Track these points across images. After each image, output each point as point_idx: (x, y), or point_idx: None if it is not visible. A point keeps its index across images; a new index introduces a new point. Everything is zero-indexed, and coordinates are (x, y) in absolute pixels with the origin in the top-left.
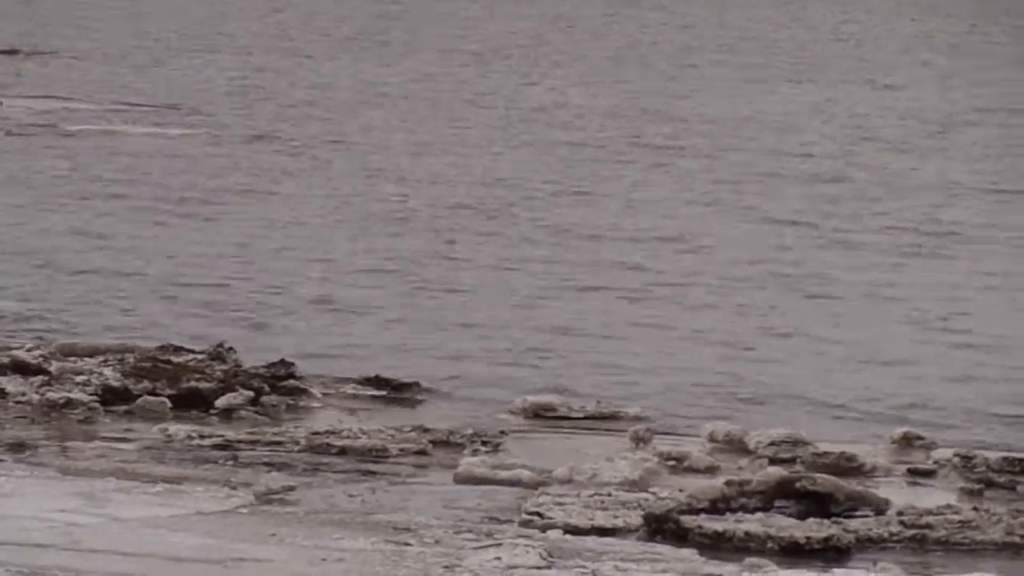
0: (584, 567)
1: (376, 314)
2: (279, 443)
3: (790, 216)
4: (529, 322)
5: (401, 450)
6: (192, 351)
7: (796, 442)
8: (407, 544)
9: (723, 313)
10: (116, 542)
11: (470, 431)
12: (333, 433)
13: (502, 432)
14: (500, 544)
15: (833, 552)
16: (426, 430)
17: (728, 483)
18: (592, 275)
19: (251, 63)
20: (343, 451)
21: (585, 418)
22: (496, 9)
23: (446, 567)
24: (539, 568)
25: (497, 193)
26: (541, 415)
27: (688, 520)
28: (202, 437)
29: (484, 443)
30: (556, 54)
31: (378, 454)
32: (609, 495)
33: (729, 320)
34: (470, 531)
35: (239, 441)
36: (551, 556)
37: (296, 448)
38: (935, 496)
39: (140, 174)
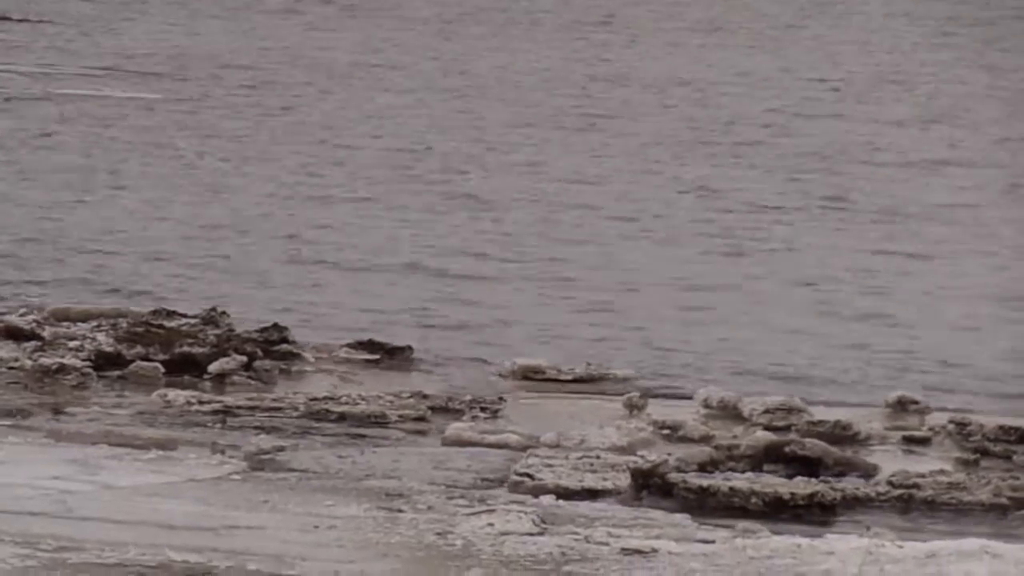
0: (576, 533)
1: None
2: (278, 409)
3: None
4: (509, 288)
5: (400, 416)
6: (185, 316)
7: (791, 409)
8: (400, 511)
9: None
10: (109, 510)
11: (468, 397)
12: (331, 399)
13: (500, 398)
14: (493, 510)
15: (818, 509)
16: (424, 396)
17: (717, 447)
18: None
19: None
20: (342, 417)
21: (574, 380)
22: None
23: (439, 534)
24: (531, 534)
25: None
26: (530, 378)
27: (674, 476)
28: (200, 403)
29: (483, 409)
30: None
31: (377, 420)
32: (598, 457)
33: (715, 288)
34: (462, 497)
35: (237, 407)
36: (544, 522)
37: (295, 413)
38: (929, 464)
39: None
